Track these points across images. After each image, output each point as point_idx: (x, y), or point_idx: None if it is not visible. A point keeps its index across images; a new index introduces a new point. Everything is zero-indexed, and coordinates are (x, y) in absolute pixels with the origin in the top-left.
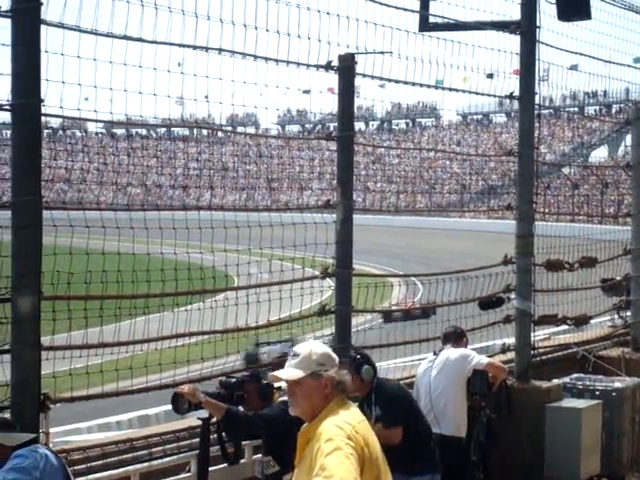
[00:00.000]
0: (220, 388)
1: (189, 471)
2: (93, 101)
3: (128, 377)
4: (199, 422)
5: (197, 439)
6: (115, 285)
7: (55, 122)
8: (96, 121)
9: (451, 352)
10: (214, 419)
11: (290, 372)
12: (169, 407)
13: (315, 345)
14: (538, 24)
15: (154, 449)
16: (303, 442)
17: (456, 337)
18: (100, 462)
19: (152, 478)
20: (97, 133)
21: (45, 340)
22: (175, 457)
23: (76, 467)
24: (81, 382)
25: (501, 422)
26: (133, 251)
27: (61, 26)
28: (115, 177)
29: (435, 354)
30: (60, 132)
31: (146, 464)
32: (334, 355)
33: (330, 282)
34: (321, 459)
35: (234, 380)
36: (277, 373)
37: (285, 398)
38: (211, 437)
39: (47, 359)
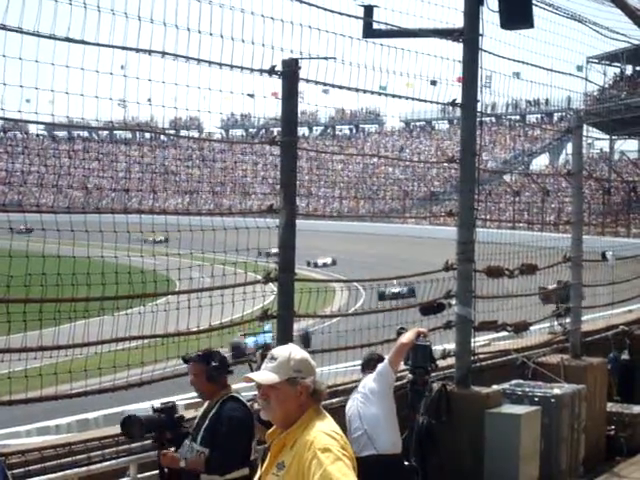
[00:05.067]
0: (159, 414)
1: (128, 476)
2: (35, 103)
3: (67, 381)
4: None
5: (135, 444)
6: (55, 288)
7: None
8: (37, 123)
9: (367, 378)
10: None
11: (266, 375)
12: (108, 411)
13: (294, 350)
14: (481, 32)
15: (93, 453)
16: (277, 448)
17: (375, 363)
18: (39, 466)
19: None
20: (38, 135)
21: None
22: (114, 462)
23: (14, 471)
24: (20, 385)
25: (440, 428)
26: (73, 254)
27: (3, 28)
28: (56, 179)
29: (357, 387)
30: (1, 134)
31: (85, 468)
32: (313, 362)
33: (273, 287)
34: (321, 469)
35: (170, 403)
36: (251, 375)
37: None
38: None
39: None
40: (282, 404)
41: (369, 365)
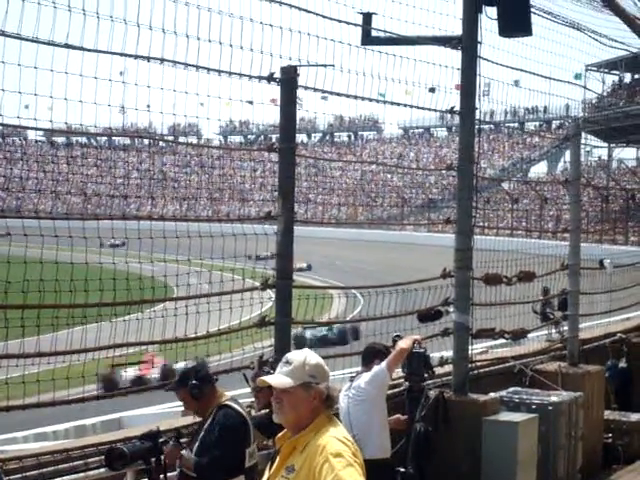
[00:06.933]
0: (143, 442)
1: None
2: (33, 109)
3: (65, 387)
4: (134, 433)
5: None
6: (53, 294)
7: None
8: (36, 129)
9: (362, 378)
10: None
11: (280, 379)
12: (106, 417)
13: (309, 355)
14: (479, 40)
15: (90, 460)
16: (287, 452)
17: (376, 355)
18: (36, 472)
19: None
20: (37, 141)
21: None
22: None
23: (11, 476)
24: (17, 391)
25: (438, 435)
26: (71, 260)
27: (2, 34)
28: (54, 185)
29: (351, 381)
30: None
31: (82, 474)
32: (327, 368)
33: (270, 293)
34: (333, 474)
35: (155, 429)
36: (266, 378)
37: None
38: None
39: None
40: (295, 408)
41: (370, 357)
